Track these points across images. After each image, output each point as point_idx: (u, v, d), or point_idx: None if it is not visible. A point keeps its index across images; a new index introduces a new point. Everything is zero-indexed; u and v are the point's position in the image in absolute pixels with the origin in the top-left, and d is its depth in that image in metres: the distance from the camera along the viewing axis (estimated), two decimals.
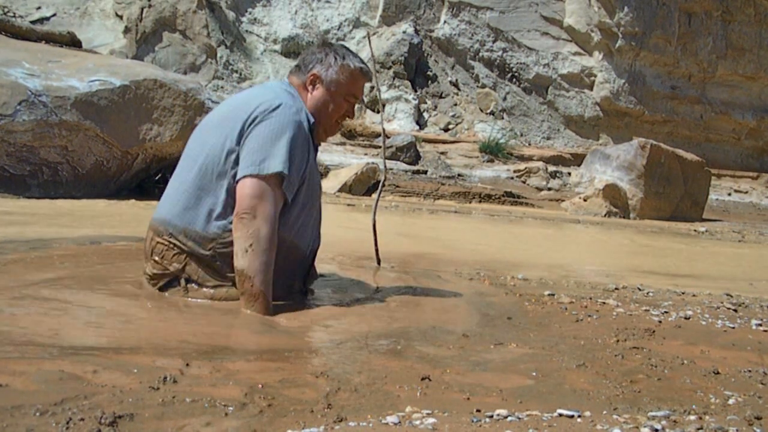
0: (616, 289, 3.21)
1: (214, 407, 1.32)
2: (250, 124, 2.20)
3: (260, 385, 1.46)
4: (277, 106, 2.23)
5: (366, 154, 11.49)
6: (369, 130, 12.23)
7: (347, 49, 2.47)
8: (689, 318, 2.52)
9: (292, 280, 2.43)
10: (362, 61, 2.44)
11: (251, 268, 2.09)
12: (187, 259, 2.24)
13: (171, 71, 9.67)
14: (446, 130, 13.32)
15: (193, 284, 2.26)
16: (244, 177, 2.13)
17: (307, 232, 2.38)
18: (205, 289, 2.26)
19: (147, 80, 6.19)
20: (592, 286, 3.27)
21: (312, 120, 2.35)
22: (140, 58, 11.40)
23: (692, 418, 1.42)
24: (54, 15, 11.84)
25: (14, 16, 8.80)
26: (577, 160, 12.88)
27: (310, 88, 2.38)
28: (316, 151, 2.50)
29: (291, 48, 13.30)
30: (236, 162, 2.19)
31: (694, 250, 6.39)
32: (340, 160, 10.89)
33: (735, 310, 2.77)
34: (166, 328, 1.95)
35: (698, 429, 1.31)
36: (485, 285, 3.11)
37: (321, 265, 3.40)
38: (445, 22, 14.14)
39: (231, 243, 2.18)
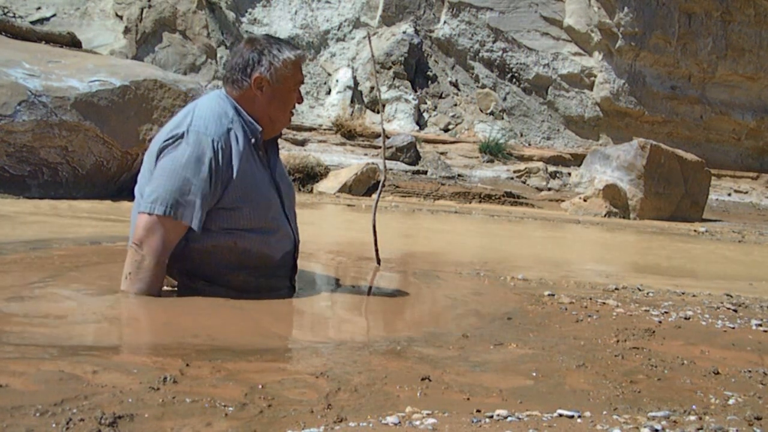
0: (616, 289, 3.20)
1: (214, 407, 1.32)
2: (158, 158, 2.25)
3: (260, 385, 1.46)
4: (180, 136, 2.21)
5: (366, 155, 11.49)
6: (369, 130, 12.23)
7: (275, 39, 2.42)
8: (689, 318, 2.52)
9: (276, 283, 2.45)
10: (295, 48, 2.41)
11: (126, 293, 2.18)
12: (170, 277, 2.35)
13: (171, 71, 9.67)
14: (446, 130, 13.32)
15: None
16: (140, 212, 2.20)
17: (273, 240, 2.36)
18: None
19: (147, 80, 6.19)
20: (592, 287, 3.27)
21: (259, 129, 2.33)
22: (140, 58, 11.40)
23: (692, 418, 1.42)
24: (54, 15, 11.84)
25: (14, 17, 8.80)
26: (577, 160, 12.88)
27: (258, 93, 2.32)
28: (277, 152, 2.50)
29: None
30: None
31: (694, 250, 6.39)
32: (340, 160, 10.89)
33: (735, 311, 2.77)
34: (166, 328, 1.95)
35: (698, 429, 1.31)
36: (485, 285, 3.11)
37: (321, 266, 3.40)
38: (445, 22, 14.14)
39: (182, 261, 2.27)
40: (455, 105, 13.75)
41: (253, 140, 2.33)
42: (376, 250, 3.42)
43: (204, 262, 2.28)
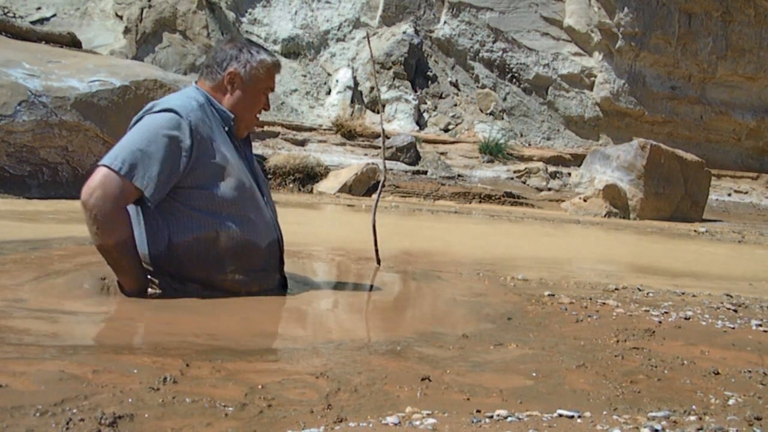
0: (616, 289, 3.20)
1: (214, 407, 1.32)
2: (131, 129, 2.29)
3: (260, 386, 1.46)
4: (150, 110, 2.26)
5: (366, 155, 11.49)
6: (369, 130, 12.22)
7: (255, 43, 2.50)
8: (689, 318, 2.52)
9: (267, 277, 2.43)
10: (273, 54, 2.48)
11: (103, 246, 2.16)
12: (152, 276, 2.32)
13: (171, 72, 9.67)
14: (446, 130, 13.31)
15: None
16: (97, 165, 2.18)
17: (255, 227, 2.35)
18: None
19: (147, 81, 6.19)
20: (592, 287, 3.27)
21: (231, 116, 2.36)
22: (140, 58, 11.39)
23: (692, 418, 1.42)
24: (54, 15, 11.83)
25: (14, 17, 8.81)
26: (577, 160, 12.87)
27: (228, 87, 2.37)
28: (250, 147, 2.52)
29: (291, 48, 13.30)
30: None
31: (694, 251, 6.39)
32: (340, 160, 10.89)
33: (735, 311, 2.77)
34: (166, 328, 1.95)
35: (698, 429, 1.31)
36: (485, 285, 3.11)
37: (321, 266, 3.40)
38: (445, 22, 14.14)
39: (165, 257, 2.24)
40: (455, 105, 13.75)
41: (226, 128, 2.35)
42: (376, 250, 3.42)
43: (190, 261, 2.25)
